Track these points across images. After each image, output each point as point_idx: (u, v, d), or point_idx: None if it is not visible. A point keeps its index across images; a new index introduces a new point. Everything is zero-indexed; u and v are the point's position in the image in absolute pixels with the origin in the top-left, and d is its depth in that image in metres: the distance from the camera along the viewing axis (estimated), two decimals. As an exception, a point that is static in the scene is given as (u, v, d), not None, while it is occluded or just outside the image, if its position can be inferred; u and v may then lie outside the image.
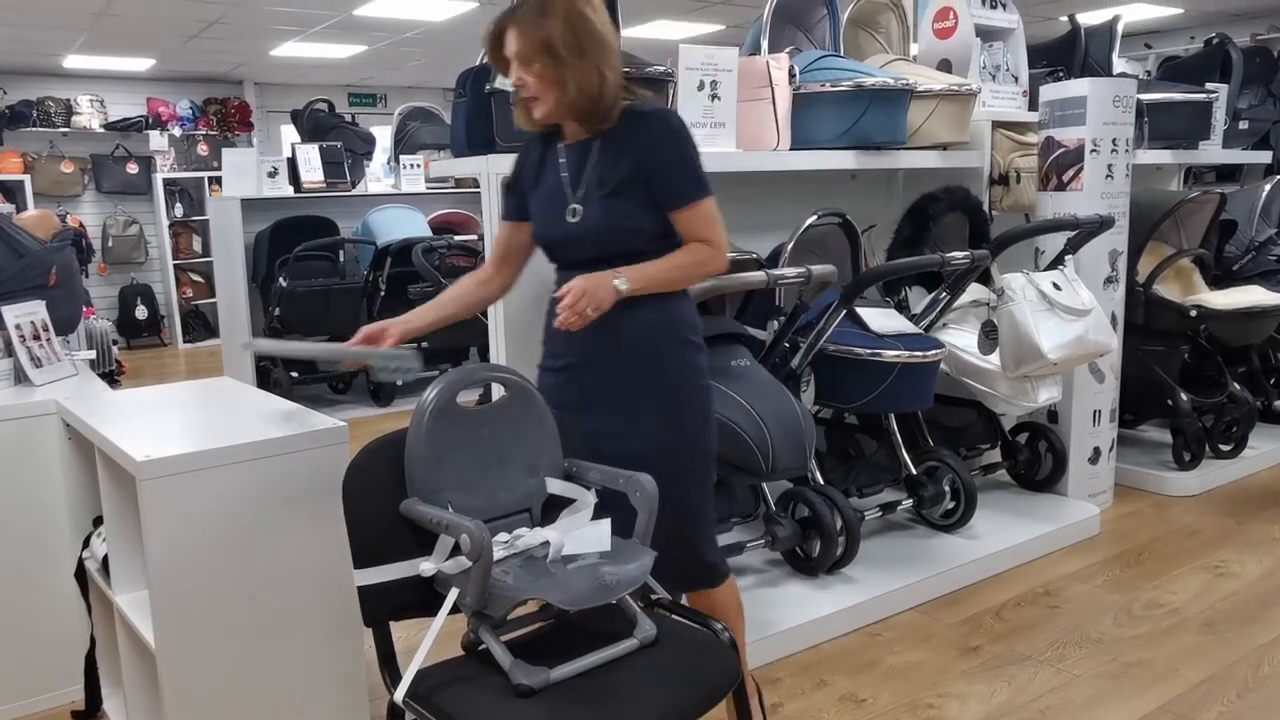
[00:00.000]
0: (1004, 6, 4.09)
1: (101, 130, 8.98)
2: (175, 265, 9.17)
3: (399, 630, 1.72)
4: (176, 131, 9.33)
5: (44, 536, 2.48)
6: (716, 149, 2.97)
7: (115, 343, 7.15)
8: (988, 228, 3.61)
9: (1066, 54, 4.64)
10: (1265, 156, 5.23)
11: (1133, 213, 3.78)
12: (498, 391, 1.88)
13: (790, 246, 3.05)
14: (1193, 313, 3.96)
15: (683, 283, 2.02)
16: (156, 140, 9.07)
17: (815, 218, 3.10)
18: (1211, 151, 4.78)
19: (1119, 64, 4.79)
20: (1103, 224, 3.37)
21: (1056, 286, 3.28)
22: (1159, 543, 3.54)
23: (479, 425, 1.79)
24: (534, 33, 1.87)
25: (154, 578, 1.86)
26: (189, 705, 1.91)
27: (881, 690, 2.57)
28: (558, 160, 2.03)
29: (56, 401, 2.45)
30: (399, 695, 1.57)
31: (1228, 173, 5.75)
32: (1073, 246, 3.45)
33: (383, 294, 5.92)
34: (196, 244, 9.33)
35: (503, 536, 1.70)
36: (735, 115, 2.99)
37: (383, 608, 1.68)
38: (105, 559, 2.17)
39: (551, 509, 1.84)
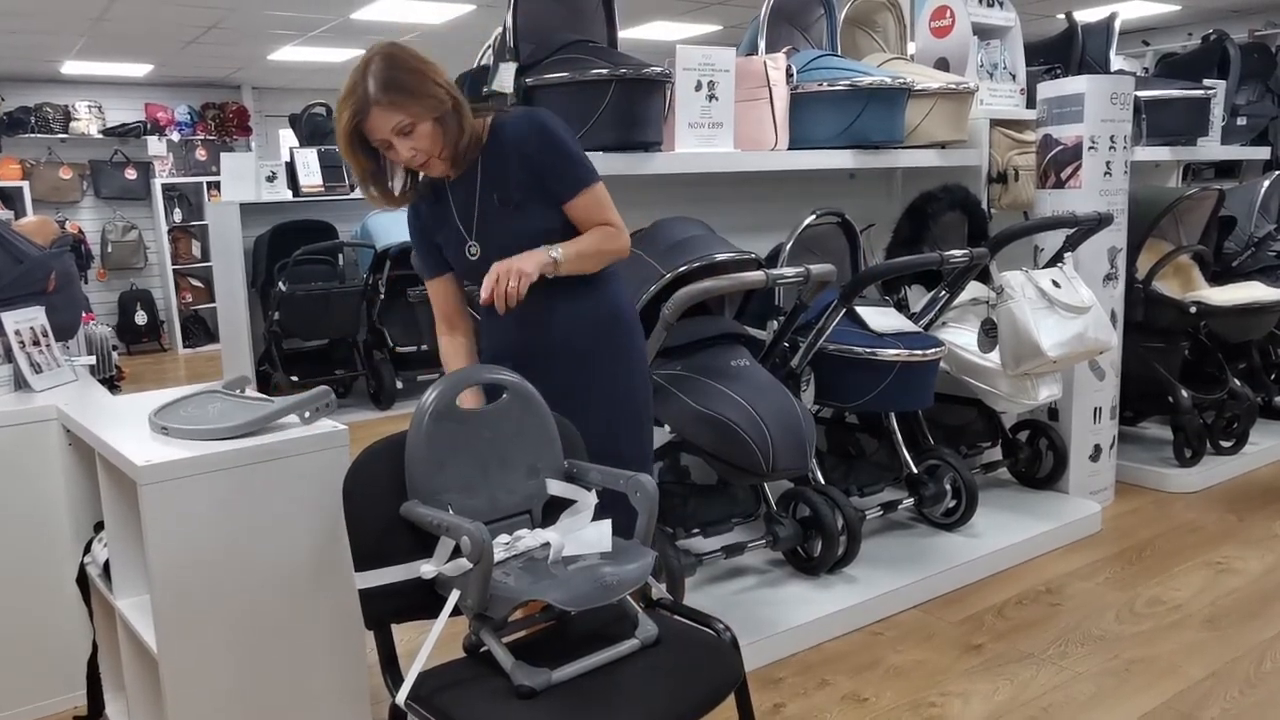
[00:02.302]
0: (1001, 4, 4.09)
1: (100, 136, 8.99)
2: (174, 270, 9.17)
3: (400, 633, 1.72)
4: (175, 136, 9.34)
5: (45, 542, 2.48)
6: (714, 149, 2.97)
7: (115, 348, 7.15)
8: (986, 226, 3.61)
9: (1064, 51, 4.64)
10: (1264, 152, 5.23)
11: (1131, 210, 3.78)
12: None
13: (789, 246, 3.05)
14: (1192, 309, 3.96)
15: (601, 261, 2.07)
16: (155, 145, 9.08)
17: (814, 217, 3.10)
18: (1210, 148, 4.78)
19: (1116, 61, 4.79)
20: (1101, 221, 3.37)
21: (1056, 284, 3.28)
22: (1160, 540, 3.54)
23: (479, 427, 1.79)
24: (407, 100, 1.87)
25: (155, 582, 1.86)
26: (191, 710, 1.91)
27: (884, 689, 2.56)
28: (448, 200, 2.06)
29: (57, 407, 2.45)
30: (401, 698, 1.57)
31: (1226, 169, 5.74)
32: (1072, 244, 3.45)
33: (382, 297, 5.91)
34: (195, 249, 9.33)
35: (503, 538, 1.70)
36: (733, 115, 2.99)
37: (384, 610, 1.68)
38: (106, 564, 2.17)
39: (552, 510, 1.84)
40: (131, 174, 9.11)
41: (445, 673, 1.64)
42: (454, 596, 1.60)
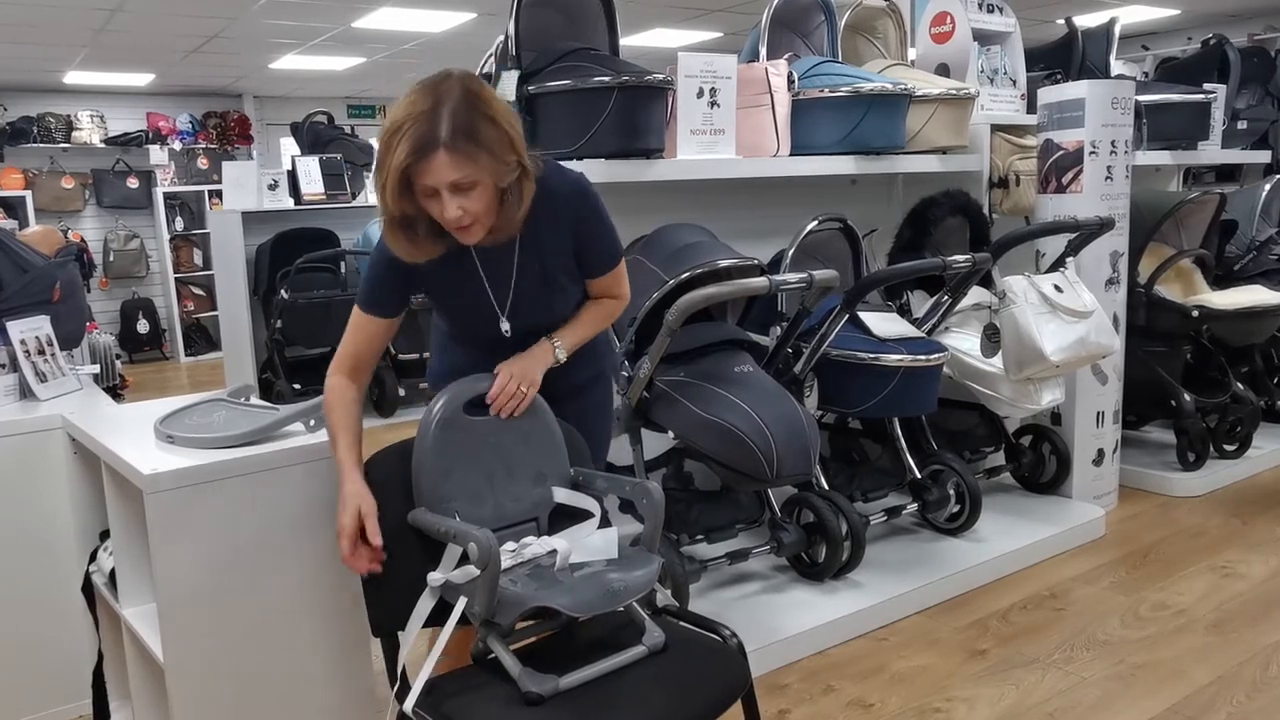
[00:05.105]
0: (1001, 10, 4.10)
1: (102, 145, 9.00)
2: (176, 279, 9.17)
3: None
4: (176, 145, 9.35)
5: (51, 551, 2.48)
6: (716, 156, 2.98)
7: (118, 357, 7.16)
8: (988, 231, 3.61)
9: (1064, 56, 4.65)
10: (1264, 156, 5.23)
11: (1133, 214, 3.78)
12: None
13: (791, 252, 3.06)
14: (1195, 313, 3.96)
15: (596, 334, 2.00)
16: (157, 155, 9.09)
17: (816, 223, 3.11)
18: (1210, 152, 4.78)
19: (1116, 66, 4.80)
20: (1103, 226, 3.38)
21: (1058, 289, 3.28)
22: (1165, 544, 3.54)
23: (485, 435, 1.79)
24: (481, 155, 1.59)
25: (161, 591, 1.86)
26: (197, 718, 1.91)
27: (889, 695, 2.56)
28: (475, 266, 1.82)
29: (62, 416, 2.45)
30: (408, 705, 1.57)
31: (1227, 173, 5.75)
32: (1073, 248, 3.45)
33: (384, 304, 5.91)
34: (197, 257, 9.34)
35: (510, 545, 1.71)
36: (734, 122, 3.00)
37: (391, 618, 1.68)
38: (112, 573, 2.17)
39: (559, 518, 1.84)
40: (133, 183, 9.12)
41: (452, 680, 1.64)
42: (461, 603, 1.60)
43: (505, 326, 1.87)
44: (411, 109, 1.58)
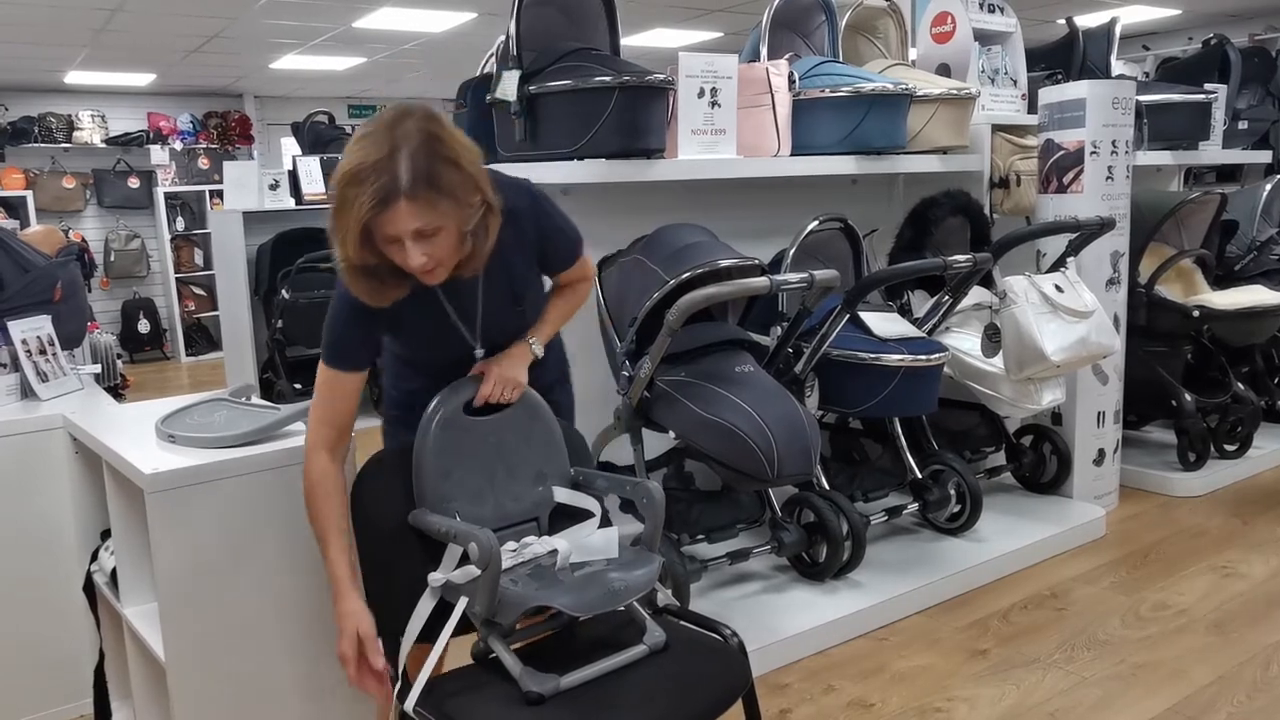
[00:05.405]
0: (1002, 10, 4.10)
1: (103, 145, 9.01)
2: (177, 279, 9.18)
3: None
4: (177, 145, 9.35)
5: (52, 550, 2.48)
6: (717, 156, 2.98)
7: (119, 357, 7.17)
8: (989, 231, 3.61)
9: (1065, 56, 4.65)
10: (1265, 156, 5.23)
11: (1134, 214, 3.78)
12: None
13: (792, 252, 3.06)
14: (1195, 313, 3.96)
15: (568, 320, 2.00)
16: (157, 154, 9.09)
17: (817, 223, 3.11)
18: (1211, 152, 4.78)
19: (1117, 66, 4.80)
20: (1104, 226, 3.38)
21: (1059, 289, 3.28)
22: (1165, 544, 3.54)
23: (486, 435, 1.79)
24: (444, 202, 1.51)
25: (163, 590, 1.86)
26: (199, 717, 1.91)
27: (890, 695, 2.56)
28: (440, 301, 1.76)
29: (63, 416, 2.45)
30: (409, 704, 1.58)
31: (1228, 173, 5.75)
32: (1074, 248, 3.45)
33: (385, 305, 5.91)
34: (198, 257, 9.35)
35: (510, 545, 1.71)
36: (735, 122, 3.00)
37: (392, 618, 1.68)
38: (114, 572, 2.18)
39: (559, 518, 1.84)
40: (134, 183, 9.13)
41: (453, 679, 1.64)
42: (462, 603, 1.60)
43: (480, 352, 1.83)
44: (367, 156, 1.48)
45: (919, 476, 3.37)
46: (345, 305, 1.70)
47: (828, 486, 3.12)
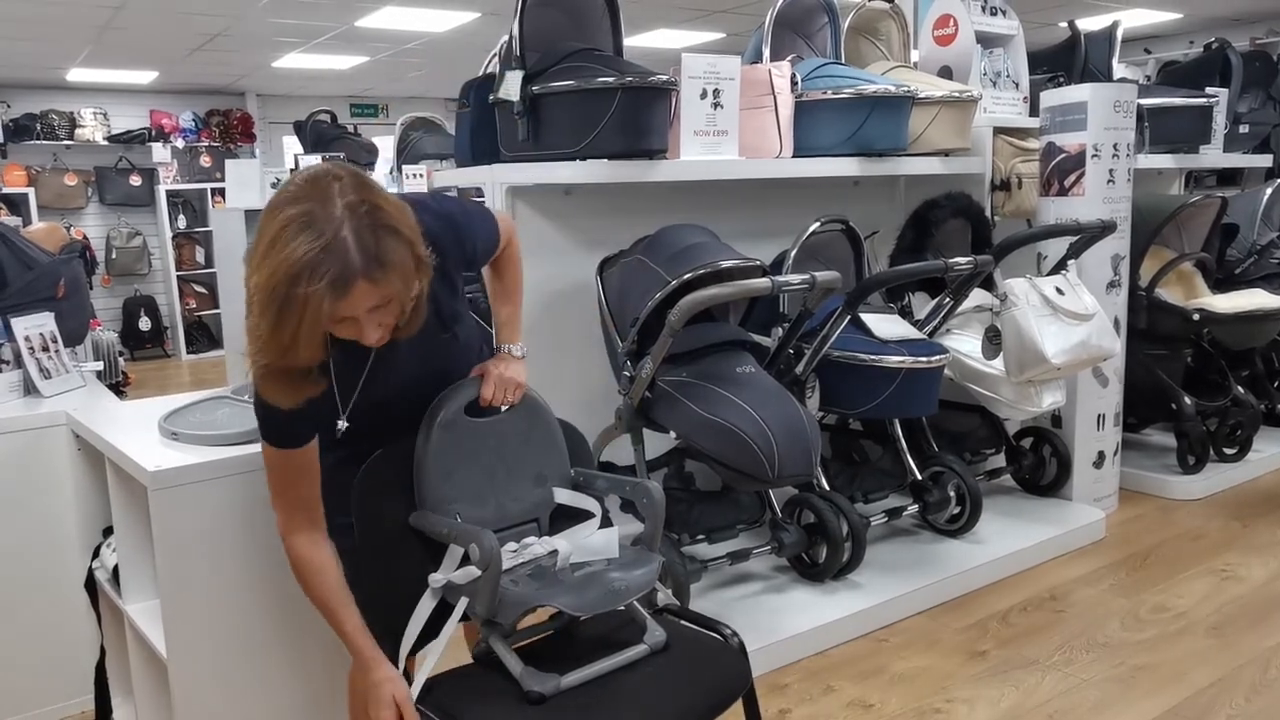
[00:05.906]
0: (1004, 13, 4.11)
1: (105, 143, 9.02)
2: (178, 277, 9.18)
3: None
4: (179, 143, 9.36)
5: (54, 547, 2.49)
6: (719, 157, 2.98)
7: (121, 354, 7.17)
8: (990, 233, 3.62)
9: (1067, 60, 4.66)
10: (1266, 160, 5.24)
11: (1134, 217, 3.79)
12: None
13: (794, 253, 3.06)
14: (1195, 316, 3.96)
15: (521, 293, 1.98)
16: (159, 152, 9.09)
17: (818, 224, 3.11)
18: (1212, 155, 4.79)
19: (1119, 69, 4.80)
20: (1105, 229, 3.38)
21: (1059, 291, 3.29)
22: (1164, 546, 3.54)
23: (486, 436, 1.79)
24: (393, 276, 1.40)
25: (164, 587, 1.87)
26: (200, 714, 1.92)
27: (889, 695, 2.57)
28: (366, 356, 1.61)
29: (66, 413, 2.46)
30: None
31: (1229, 176, 5.75)
32: (1075, 251, 3.46)
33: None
34: (199, 255, 9.35)
35: (511, 545, 1.71)
36: (738, 123, 3.00)
37: (393, 618, 1.69)
38: (115, 569, 2.18)
39: (559, 518, 1.84)
40: (136, 180, 9.13)
41: (454, 679, 1.64)
42: (463, 603, 1.60)
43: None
44: (307, 246, 1.33)
45: (919, 478, 3.37)
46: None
47: (828, 487, 3.12)
